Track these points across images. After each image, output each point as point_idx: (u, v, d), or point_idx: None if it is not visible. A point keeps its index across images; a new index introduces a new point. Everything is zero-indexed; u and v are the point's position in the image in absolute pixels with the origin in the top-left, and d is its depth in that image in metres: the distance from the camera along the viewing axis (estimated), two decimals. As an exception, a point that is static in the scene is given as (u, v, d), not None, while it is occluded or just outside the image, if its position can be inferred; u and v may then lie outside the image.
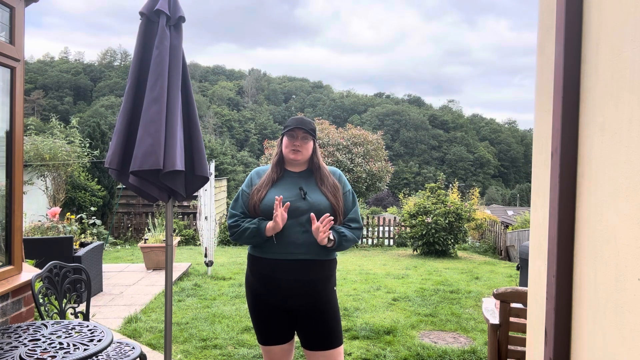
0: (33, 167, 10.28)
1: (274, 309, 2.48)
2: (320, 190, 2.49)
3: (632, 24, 1.03)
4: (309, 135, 2.52)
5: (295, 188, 2.49)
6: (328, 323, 2.46)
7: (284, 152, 2.54)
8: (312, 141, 2.56)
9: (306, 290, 2.43)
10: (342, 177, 2.63)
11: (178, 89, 2.65)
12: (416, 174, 77.64)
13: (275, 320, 2.49)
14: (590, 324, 1.18)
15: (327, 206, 2.45)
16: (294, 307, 2.46)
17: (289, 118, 2.61)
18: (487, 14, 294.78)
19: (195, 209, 13.55)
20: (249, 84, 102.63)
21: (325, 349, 2.45)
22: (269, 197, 2.45)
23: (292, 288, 2.42)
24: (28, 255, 4.46)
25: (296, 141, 2.50)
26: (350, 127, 15.70)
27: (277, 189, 2.48)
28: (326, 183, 2.52)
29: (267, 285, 2.46)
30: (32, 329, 2.39)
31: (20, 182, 3.10)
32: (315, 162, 2.57)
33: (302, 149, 2.51)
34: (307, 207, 2.42)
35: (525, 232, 12.27)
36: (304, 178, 2.55)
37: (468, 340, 4.62)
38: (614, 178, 1.09)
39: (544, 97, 1.46)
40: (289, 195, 2.45)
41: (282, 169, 2.58)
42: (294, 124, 2.50)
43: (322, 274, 2.47)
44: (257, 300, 2.52)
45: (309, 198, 2.44)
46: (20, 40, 3.06)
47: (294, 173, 2.57)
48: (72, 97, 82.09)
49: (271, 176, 2.54)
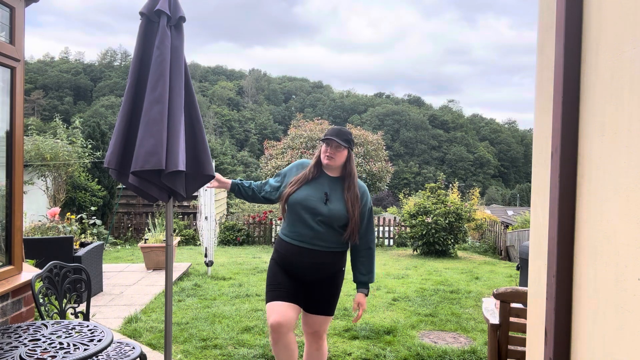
0: (33, 167, 10.28)
1: (290, 277, 2.89)
2: (344, 198, 2.83)
3: (632, 24, 1.03)
4: (342, 146, 2.83)
5: (322, 192, 2.84)
6: (329, 294, 2.91)
7: (321, 157, 2.89)
8: (345, 151, 2.87)
9: (316, 269, 2.85)
10: (365, 194, 2.94)
11: (181, 90, 2.65)
12: (416, 174, 77.62)
13: (288, 285, 2.88)
14: (590, 324, 1.18)
15: (342, 215, 2.80)
16: (305, 279, 2.87)
17: (330, 127, 3.04)
18: (486, 12, 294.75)
19: (195, 209, 13.56)
20: (249, 84, 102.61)
21: (321, 314, 2.92)
22: (298, 194, 2.83)
23: (305, 267, 2.84)
24: (28, 255, 4.46)
25: (330, 149, 2.83)
26: (350, 127, 15.71)
27: (308, 188, 2.85)
28: (351, 192, 2.84)
29: (285, 261, 2.89)
30: (32, 329, 2.39)
31: (20, 182, 3.10)
32: (348, 169, 2.89)
33: (335, 157, 2.84)
34: (326, 212, 2.79)
35: (525, 232, 12.26)
36: (334, 184, 2.89)
37: (468, 340, 4.62)
38: (614, 178, 1.09)
39: (544, 97, 1.46)
40: (315, 196, 2.82)
41: (319, 170, 2.92)
42: (330, 134, 2.84)
43: (332, 259, 2.87)
44: (276, 269, 2.92)
45: (330, 204, 2.80)
46: (20, 40, 3.06)
47: (328, 177, 2.91)
48: (72, 97, 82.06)
49: (308, 175, 2.89)
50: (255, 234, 13.57)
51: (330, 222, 2.79)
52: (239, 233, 13.18)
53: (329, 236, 2.82)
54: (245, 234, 13.28)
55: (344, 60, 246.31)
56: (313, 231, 2.79)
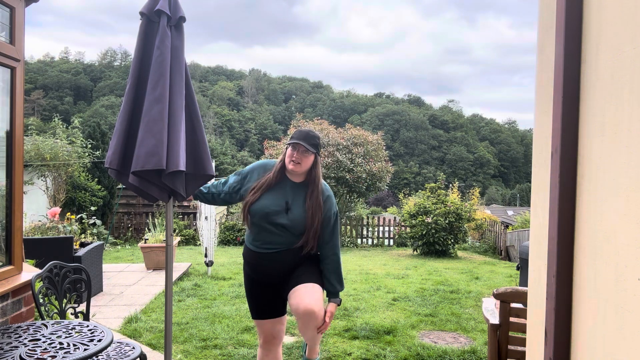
0: (33, 167, 10.28)
1: (265, 287, 2.86)
2: (305, 205, 2.73)
3: (632, 24, 1.03)
4: (309, 151, 2.72)
5: (283, 201, 2.74)
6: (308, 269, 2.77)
7: (286, 161, 2.76)
8: (312, 156, 2.75)
9: (283, 266, 2.80)
10: (329, 199, 2.82)
11: (182, 89, 2.65)
12: (416, 174, 77.64)
13: (266, 297, 2.87)
14: (590, 324, 1.18)
15: (302, 223, 2.71)
16: (280, 281, 2.82)
17: (297, 130, 2.84)
18: (487, 11, 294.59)
19: (195, 209, 13.55)
20: (249, 84, 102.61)
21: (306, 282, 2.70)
22: (259, 204, 2.73)
23: (275, 271, 2.81)
24: (28, 255, 4.46)
25: (296, 153, 2.71)
26: (350, 127, 15.68)
27: (270, 196, 2.74)
28: (313, 199, 2.74)
29: (255, 270, 2.87)
30: (32, 329, 2.39)
31: (20, 182, 3.10)
32: (313, 175, 2.78)
33: (301, 162, 2.72)
34: (287, 222, 2.71)
35: (525, 232, 12.26)
36: (297, 189, 2.79)
37: (468, 340, 4.62)
38: (614, 178, 1.09)
39: (544, 97, 1.46)
40: (275, 205, 2.73)
41: (282, 175, 2.80)
42: (297, 138, 2.72)
43: (295, 253, 2.79)
44: (250, 282, 2.91)
45: (290, 214, 2.72)
46: (20, 40, 3.06)
47: (290, 182, 2.80)
48: (72, 97, 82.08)
49: (270, 180, 2.77)
50: (255, 234, 13.56)
51: (293, 229, 2.72)
52: (239, 233, 13.18)
53: (294, 240, 2.75)
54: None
55: (344, 60, 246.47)
56: (278, 237, 2.74)
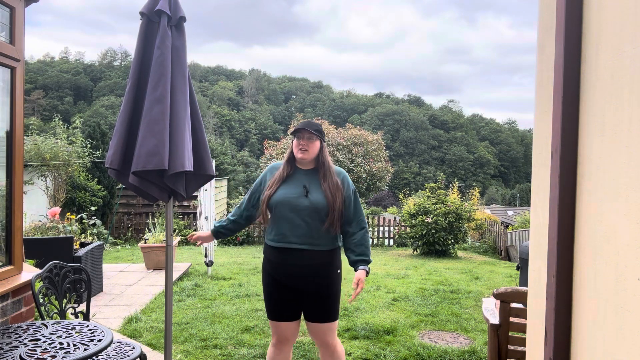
0: (33, 167, 10.27)
1: (284, 289, 2.81)
2: (322, 188, 2.77)
3: (632, 24, 1.03)
4: (314, 136, 2.80)
5: (300, 186, 2.78)
6: (327, 302, 2.81)
7: (294, 152, 2.84)
8: (318, 141, 2.83)
9: (309, 273, 2.76)
10: (345, 179, 2.88)
11: (184, 89, 2.66)
12: (416, 174, 77.61)
13: (284, 299, 2.82)
14: (590, 323, 1.18)
15: (324, 205, 2.73)
16: (300, 287, 2.78)
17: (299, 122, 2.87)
18: (486, 11, 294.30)
19: (195, 209, 13.55)
20: (249, 84, 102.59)
21: (321, 322, 2.82)
22: (278, 194, 2.78)
23: (297, 272, 2.76)
24: (28, 255, 4.46)
25: (302, 141, 2.79)
26: (350, 127, 15.69)
27: (286, 187, 2.80)
28: (328, 181, 2.78)
29: (277, 269, 2.81)
30: (32, 329, 2.39)
31: (20, 182, 3.10)
32: (321, 160, 2.84)
33: (309, 148, 2.79)
34: (308, 204, 2.73)
35: (525, 232, 12.26)
36: (310, 176, 2.83)
37: (468, 340, 4.62)
38: (614, 178, 1.09)
39: (544, 97, 1.46)
40: (294, 192, 2.76)
41: (292, 167, 2.87)
42: (300, 126, 2.80)
43: (323, 260, 2.79)
44: (270, 282, 2.85)
45: (310, 196, 2.74)
46: (20, 40, 3.06)
47: (302, 171, 2.86)
48: (72, 97, 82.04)
49: (282, 174, 2.85)
50: (255, 234, 13.57)
51: (316, 214, 2.71)
52: (239, 233, 13.20)
53: (317, 232, 2.73)
54: (245, 234, 13.28)
55: (344, 60, 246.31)
56: (300, 229, 2.72)
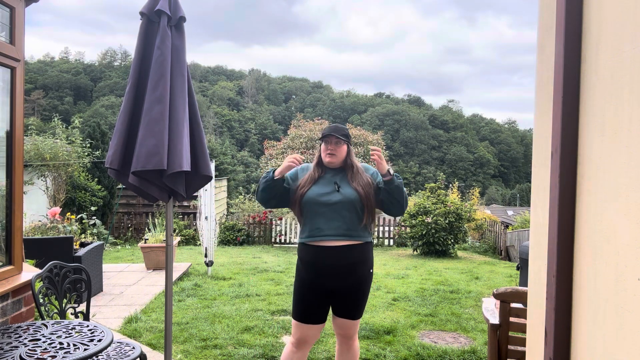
0: (33, 167, 10.28)
1: (317, 291, 2.84)
2: (351, 185, 2.85)
3: (632, 23, 1.03)
4: (342, 141, 2.89)
5: (332, 184, 2.87)
6: (358, 300, 2.89)
7: (322, 156, 2.93)
8: (345, 145, 2.92)
9: (345, 272, 2.81)
10: (375, 173, 2.98)
11: (183, 89, 2.66)
12: (416, 174, 77.55)
13: (316, 303, 2.86)
14: (590, 324, 1.18)
15: (356, 197, 2.80)
16: (334, 286, 2.83)
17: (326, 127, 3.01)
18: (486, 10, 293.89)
19: (195, 209, 13.55)
20: (249, 84, 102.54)
21: (350, 319, 2.90)
22: (311, 191, 2.85)
23: (333, 272, 2.80)
24: (28, 255, 4.46)
25: (330, 145, 2.88)
26: (350, 127, 15.71)
27: (318, 185, 2.88)
28: (357, 179, 2.87)
29: (312, 271, 2.84)
30: (32, 329, 2.39)
31: (20, 182, 3.10)
32: (349, 162, 2.93)
33: (337, 152, 2.89)
34: (341, 198, 2.80)
35: (525, 232, 12.27)
36: (340, 175, 2.92)
37: (468, 340, 4.62)
38: (614, 178, 1.09)
39: (543, 97, 1.46)
40: (326, 189, 2.85)
41: (322, 169, 2.96)
42: (328, 132, 2.89)
43: (359, 257, 2.83)
44: (303, 284, 2.88)
45: (342, 191, 2.83)
46: (20, 40, 3.06)
47: (332, 171, 2.95)
48: (72, 97, 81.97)
49: (313, 175, 2.92)
50: (255, 234, 13.57)
51: (350, 206, 2.78)
52: (239, 233, 13.18)
53: (351, 223, 2.79)
54: (245, 234, 13.28)
55: (344, 60, 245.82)
56: (335, 222, 2.77)
